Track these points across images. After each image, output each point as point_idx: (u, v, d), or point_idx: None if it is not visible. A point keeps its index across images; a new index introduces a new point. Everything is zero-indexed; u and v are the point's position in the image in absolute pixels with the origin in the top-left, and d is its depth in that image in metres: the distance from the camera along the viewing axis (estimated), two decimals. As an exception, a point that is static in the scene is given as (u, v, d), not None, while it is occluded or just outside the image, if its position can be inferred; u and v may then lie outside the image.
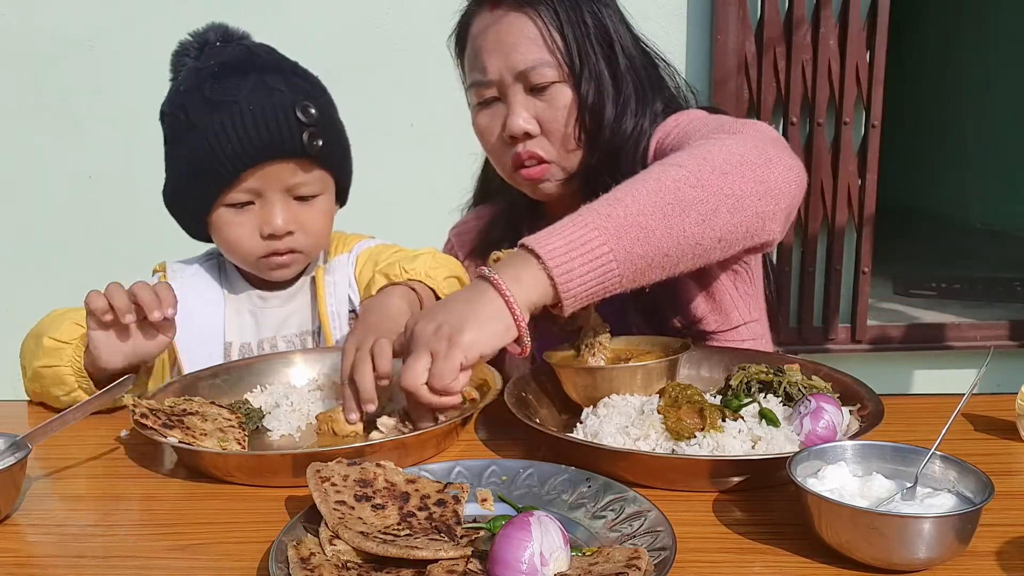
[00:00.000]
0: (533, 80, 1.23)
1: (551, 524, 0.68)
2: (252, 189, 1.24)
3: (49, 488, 0.95)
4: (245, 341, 1.35)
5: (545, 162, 1.27)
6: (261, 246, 1.27)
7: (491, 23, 1.25)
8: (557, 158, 1.27)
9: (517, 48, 1.23)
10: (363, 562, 0.70)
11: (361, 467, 0.81)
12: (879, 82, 2.62)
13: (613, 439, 0.93)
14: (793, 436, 0.92)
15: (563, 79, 1.23)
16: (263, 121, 1.19)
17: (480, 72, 1.27)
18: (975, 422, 1.05)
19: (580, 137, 1.26)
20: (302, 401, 1.11)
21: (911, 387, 2.81)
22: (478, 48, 1.27)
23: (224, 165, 1.20)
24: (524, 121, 1.24)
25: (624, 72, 1.26)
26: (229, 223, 1.26)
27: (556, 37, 1.22)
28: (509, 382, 1.10)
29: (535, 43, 1.22)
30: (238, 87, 1.21)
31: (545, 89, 1.24)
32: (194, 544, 0.80)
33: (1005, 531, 0.77)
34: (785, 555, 0.75)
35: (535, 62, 1.22)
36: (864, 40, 2.60)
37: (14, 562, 0.78)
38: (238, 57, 1.25)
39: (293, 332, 1.38)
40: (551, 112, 1.24)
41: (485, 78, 1.26)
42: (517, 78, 1.24)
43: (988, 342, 2.82)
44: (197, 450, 0.94)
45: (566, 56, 1.22)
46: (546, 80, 1.23)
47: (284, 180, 1.24)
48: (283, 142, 1.21)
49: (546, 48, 1.22)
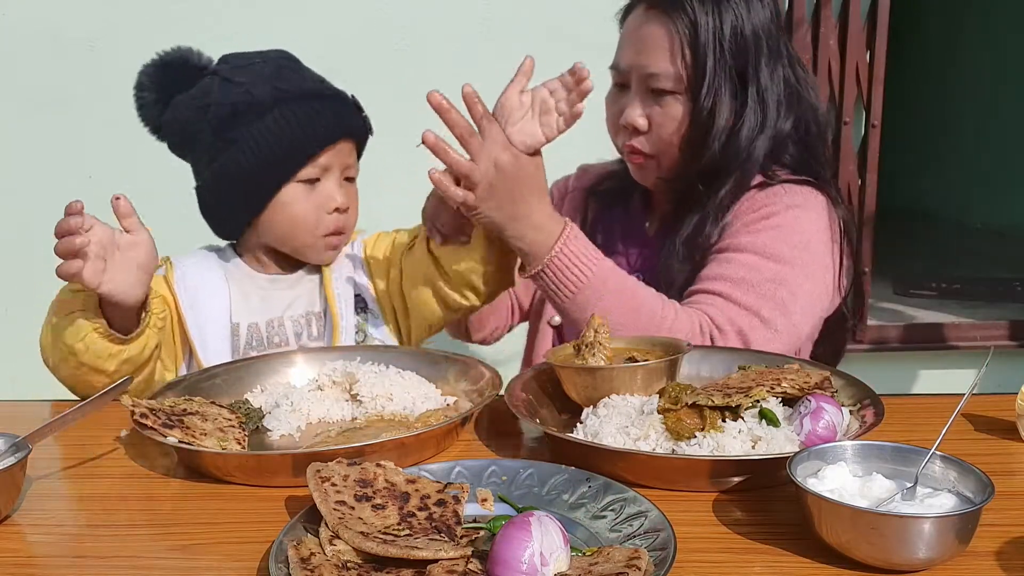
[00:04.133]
0: (653, 84, 1.34)
1: (551, 524, 0.68)
2: (323, 165, 1.34)
3: (49, 488, 0.95)
4: (252, 321, 1.39)
5: (646, 156, 1.39)
6: (326, 221, 1.36)
7: (641, 22, 1.36)
8: (657, 156, 1.39)
9: (649, 53, 1.33)
10: (363, 562, 0.70)
11: (361, 467, 0.81)
12: (879, 82, 2.61)
13: (613, 439, 0.93)
14: (793, 436, 0.92)
15: (681, 91, 1.33)
16: (333, 105, 1.35)
17: (618, 60, 1.40)
18: (975, 422, 1.05)
19: (682, 147, 1.36)
20: (302, 401, 1.11)
21: (911, 387, 2.81)
22: (624, 38, 1.40)
23: (315, 138, 1.31)
24: (637, 116, 1.36)
25: (753, 100, 1.34)
26: (299, 199, 1.34)
27: (687, 53, 1.30)
28: (509, 382, 1.10)
29: (666, 54, 1.32)
30: (303, 79, 1.35)
31: (663, 95, 1.34)
32: (194, 544, 0.80)
33: (1005, 531, 0.77)
34: (785, 555, 0.75)
35: (659, 71, 1.32)
36: (864, 40, 2.59)
37: (14, 562, 0.78)
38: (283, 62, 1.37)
39: (300, 313, 1.42)
40: (662, 118, 1.35)
41: (620, 66, 1.38)
42: (642, 78, 1.35)
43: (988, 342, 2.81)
44: (197, 450, 0.94)
45: (690, 73, 1.31)
46: (665, 88, 1.33)
47: (344, 159, 1.37)
48: (353, 122, 1.37)
49: (673, 61, 1.31)
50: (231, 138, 1.31)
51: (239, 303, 1.39)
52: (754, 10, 1.32)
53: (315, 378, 1.19)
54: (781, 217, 1.33)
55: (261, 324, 1.39)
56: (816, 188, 1.38)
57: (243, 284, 1.40)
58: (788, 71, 1.37)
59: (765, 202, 1.35)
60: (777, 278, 1.28)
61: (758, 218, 1.34)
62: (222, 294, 1.38)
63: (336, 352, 1.24)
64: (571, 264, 1.21)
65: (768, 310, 1.27)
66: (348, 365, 1.16)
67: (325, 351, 1.26)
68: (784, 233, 1.32)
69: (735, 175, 1.36)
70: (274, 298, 1.41)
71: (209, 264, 1.41)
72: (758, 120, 1.35)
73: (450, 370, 1.19)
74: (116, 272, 1.10)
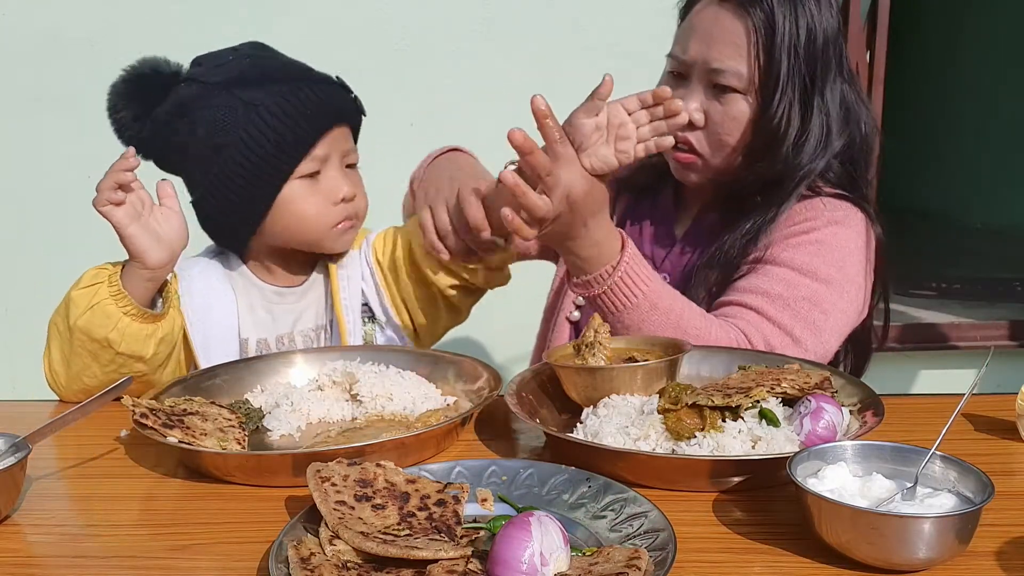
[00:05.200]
0: (718, 80, 1.27)
1: (551, 524, 0.68)
2: (320, 157, 1.28)
3: (49, 488, 0.95)
4: (261, 337, 1.35)
5: (696, 154, 1.32)
6: (334, 212, 1.31)
7: (714, 13, 1.28)
8: (709, 155, 1.32)
9: (720, 46, 1.26)
10: (363, 562, 0.70)
11: (361, 467, 0.81)
12: (879, 82, 2.61)
13: (613, 439, 0.93)
14: (793, 436, 0.92)
15: (747, 92, 1.27)
16: (327, 90, 1.28)
17: (680, 49, 1.32)
18: (975, 422, 1.05)
19: (740, 150, 1.31)
20: (302, 401, 1.10)
21: (911, 387, 2.81)
22: (691, 27, 1.31)
23: (307, 130, 1.25)
24: (694, 110, 1.29)
25: (819, 111, 1.29)
26: (303, 196, 1.29)
27: (762, 54, 1.25)
28: (509, 382, 1.10)
29: (738, 50, 1.26)
30: (282, 67, 1.29)
31: (725, 92, 1.28)
32: (194, 544, 0.80)
33: (1005, 531, 0.77)
34: (785, 555, 0.75)
35: (729, 67, 1.26)
36: (864, 40, 2.59)
37: (14, 562, 0.78)
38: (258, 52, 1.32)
39: (309, 327, 1.39)
40: (721, 116, 1.29)
41: (682, 56, 1.31)
42: (707, 72, 1.28)
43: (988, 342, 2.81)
44: (197, 450, 0.94)
45: (763, 75, 1.26)
46: (730, 85, 1.27)
47: (342, 146, 1.31)
48: (344, 104, 1.31)
49: (746, 59, 1.25)
50: (219, 144, 1.25)
51: (246, 316, 1.35)
52: (825, 16, 1.28)
53: (315, 378, 1.18)
54: (821, 233, 1.30)
55: (271, 340, 1.36)
56: (855, 204, 1.34)
57: (249, 295, 1.36)
58: (846, 85, 1.33)
59: (806, 216, 1.31)
60: (813, 297, 1.26)
61: (798, 231, 1.30)
62: (230, 308, 1.34)
63: (336, 352, 1.23)
64: (624, 286, 1.17)
65: (800, 329, 1.24)
66: (348, 365, 1.16)
67: (325, 351, 1.25)
68: (823, 249, 1.29)
69: (793, 190, 1.31)
70: (283, 312, 1.37)
71: (216, 274, 1.35)
72: (823, 134, 1.30)
73: (450, 370, 1.19)
74: (144, 228, 1.13)
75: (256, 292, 1.37)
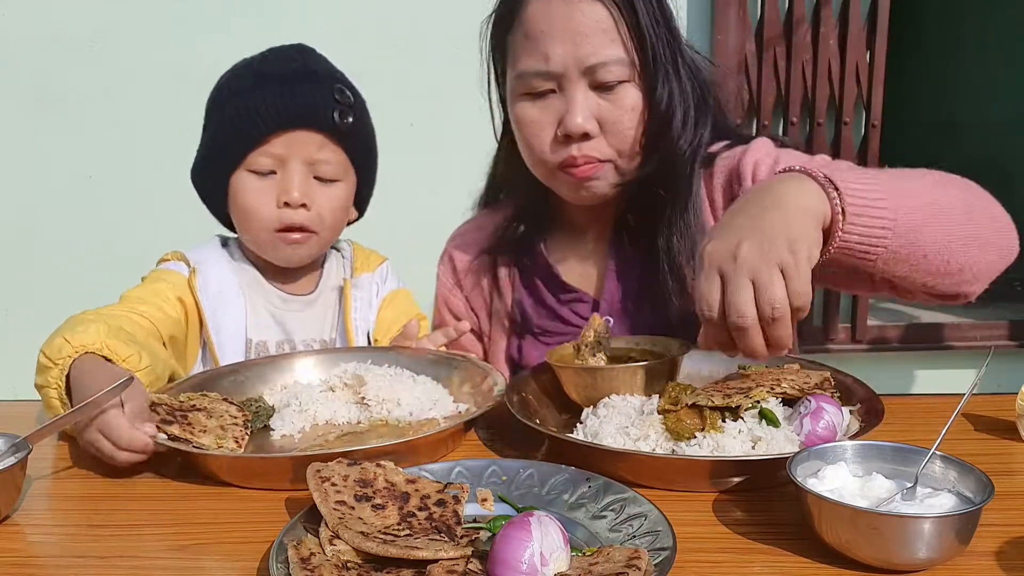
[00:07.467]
0: (601, 78, 1.14)
1: (551, 524, 0.68)
2: (277, 156, 1.27)
3: (49, 488, 0.95)
4: (261, 340, 1.35)
5: (601, 161, 1.19)
6: (275, 215, 1.28)
7: (558, 7, 1.13)
8: (616, 157, 1.20)
9: (589, 39, 1.12)
10: (363, 562, 0.70)
11: (361, 467, 0.81)
12: (879, 82, 2.61)
13: (613, 439, 0.93)
14: (793, 436, 0.92)
15: (632, 79, 1.16)
16: (300, 90, 1.25)
17: (539, 60, 1.15)
18: (975, 422, 1.05)
19: (642, 142, 1.19)
20: (311, 402, 1.10)
21: (911, 387, 2.81)
22: (538, 33, 1.15)
23: (257, 125, 1.24)
24: (584, 120, 1.15)
25: (687, 81, 1.20)
26: (249, 189, 1.28)
27: (631, 32, 1.13)
28: (509, 382, 1.10)
29: (609, 36, 1.13)
30: (286, 64, 1.28)
31: (612, 88, 1.15)
32: (194, 544, 0.80)
33: (1005, 531, 0.77)
34: (785, 555, 0.75)
35: (607, 58, 1.13)
36: (864, 40, 2.59)
37: (14, 562, 0.78)
38: (293, 48, 1.33)
39: (312, 337, 1.38)
40: (615, 113, 1.16)
41: (545, 67, 1.15)
42: (584, 72, 1.14)
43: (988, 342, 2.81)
44: (187, 450, 0.94)
45: (641, 54, 1.14)
46: (615, 79, 1.14)
47: (309, 152, 1.27)
48: (316, 110, 1.26)
49: (620, 43, 1.13)
50: (205, 125, 1.34)
51: (252, 317, 1.35)
52: None
53: (326, 379, 1.18)
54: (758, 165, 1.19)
55: (271, 344, 1.36)
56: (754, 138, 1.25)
57: (254, 296, 1.36)
58: (686, 48, 1.23)
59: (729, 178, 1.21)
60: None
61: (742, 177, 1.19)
62: (239, 307, 1.34)
63: (365, 353, 1.23)
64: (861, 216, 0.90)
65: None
66: (359, 367, 1.16)
67: (354, 351, 1.25)
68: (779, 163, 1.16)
69: (694, 165, 1.21)
70: (288, 319, 1.37)
71: (226, 270, 1.37)
72: (700, 99, 1.21)
73: (456, 372, 1.19)
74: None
75: (262, 294, 1.37)
